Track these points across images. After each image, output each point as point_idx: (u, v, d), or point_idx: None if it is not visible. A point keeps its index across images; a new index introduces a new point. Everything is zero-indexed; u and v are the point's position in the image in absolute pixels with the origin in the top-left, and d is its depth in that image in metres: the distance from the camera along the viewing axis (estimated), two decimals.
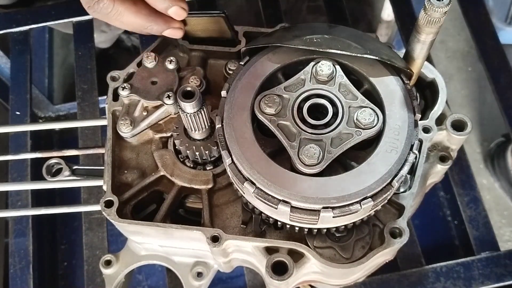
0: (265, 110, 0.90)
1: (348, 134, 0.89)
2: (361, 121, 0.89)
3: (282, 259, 0.93)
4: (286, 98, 0.91)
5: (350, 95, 0.92)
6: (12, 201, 1.52)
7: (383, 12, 2.16)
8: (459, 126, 1.06)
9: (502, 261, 1.33)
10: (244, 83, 0.94)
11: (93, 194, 1.45)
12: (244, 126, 0.90)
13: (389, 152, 0.88)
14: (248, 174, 0.86)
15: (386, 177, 0.86)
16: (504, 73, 1.57)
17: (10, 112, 1.65)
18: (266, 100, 0.90)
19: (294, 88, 0.92)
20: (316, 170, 0.86)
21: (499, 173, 2.30)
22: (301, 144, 0.87)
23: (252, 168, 0.86)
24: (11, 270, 1.44)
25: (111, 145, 1.06)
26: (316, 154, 0.86)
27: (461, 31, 2.63)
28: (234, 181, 0.91)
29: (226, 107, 0.92)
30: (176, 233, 0.98)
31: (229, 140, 0.89)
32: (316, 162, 0.85)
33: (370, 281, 1.27)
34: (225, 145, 0.89)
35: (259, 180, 0.85)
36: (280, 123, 0.89)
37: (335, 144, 0.88)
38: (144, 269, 1.89)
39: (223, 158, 0.90)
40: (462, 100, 2.50)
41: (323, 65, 0.93)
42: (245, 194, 0.91)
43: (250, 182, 0.86)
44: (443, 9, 0.79)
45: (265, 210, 0.91)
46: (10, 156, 1.40)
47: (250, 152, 0.88)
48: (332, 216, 0.84)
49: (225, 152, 0.88)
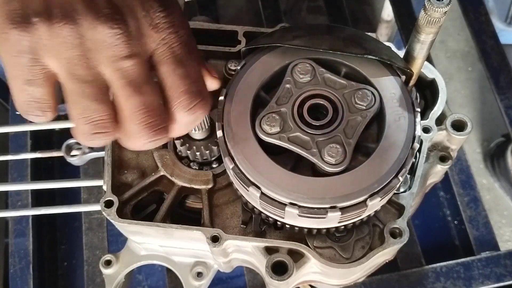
0: (270, 131, 0.88)
1: (355, 119, 0.89)
2: (360, 102, 0.89)
3: (282, 259, 0.93)
4: (283, 112, 0.90)
5: (337, 84, 0.92)
6: (12, 201, 1.53)
7: (383, 12, 2.16)
8: (459, 126, 1.06)
9: (502, 261, 1.33)
10: (241, 88, 0.93)
11: (93, 194, 1.46)
12: (243, 131, 0.89)
13: (391, 149, 0.88)
14: (253, 178, 0.86)
15: (390, 173, 0.86)
16: (504, 73, 1.57)
17: (10, 112, 1.65)
18: (267, 121, 0.88)
19: (284, 99, 0.91)
20: (344, 165, 0.85)
21: (499, 173, 2.30)
22: (320, 147, 0.87)
23: (255, 171, 0.86)
24: (11, 270, 1.44)
25: (111, 145, 1.06)
26: (339, 151, 0.85)
27: (461, 31, 2.63)
28: (237, 186, 0.91)
29: (225, 112, 0.91)
30: (176, 233, 0.98)
31: (231, 146, 0.88)
32: (342, 158, 0.85)
33: (370, 281, 1.28)
34: (226, 151, 0.88)
35: (264, 183, 0.85)
36: (290, 137, 0.88)
37: (349, 134, 0.88)
38: (144, 269, 1.88)
39: (226, 165, 0.90)
40: (462, 100, 2.50)
41: (300, 68, 0.92)
42: (250, 199, 0.91)
43: (255, 186, 0.86)
44: (443, 9, 0.79)
45: (271, 214, 0.90)
46: (10, 156, 1.40)
47: (252, 156, 0.87)
48: (340, 215, 0.84)
49: (228, 158, 0.88)
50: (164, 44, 0.69)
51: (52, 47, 0.63)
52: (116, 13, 0.64)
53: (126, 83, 0.67)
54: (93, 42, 0.64)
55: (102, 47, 0.64)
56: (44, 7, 0.62)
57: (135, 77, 0.67)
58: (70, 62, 0.64)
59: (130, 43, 0.65)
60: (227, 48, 1.11)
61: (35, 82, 0.65)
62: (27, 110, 0.69)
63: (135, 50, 0.66)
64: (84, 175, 1.56)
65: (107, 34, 0.64)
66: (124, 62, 0.66)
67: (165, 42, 0.69)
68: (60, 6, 0.63)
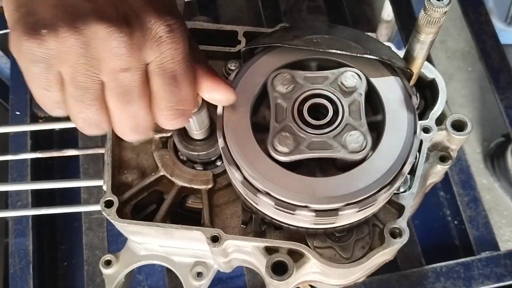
0: (288, 150, 0.86)
1: (353, 102, 0.89)
2: (349, 83, 0.90)
3: (282, 259, 0.93)
4: (288, 126, 0.88)
5: (319, 79, 0.92)
6: (12, 201, 1.53)
7: (383, 12, 2.16)
8: (459, 126, 1.06)
9: (502, 261, 1.33)
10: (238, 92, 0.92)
11: (93, 194, 1.46)
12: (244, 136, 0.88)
13: (394, 143, 0.88)
14: (262, 186, 0.85)
15: (396, 165, 0.86)
16: (504, 73, 1.57)
17: (10, 112, 1.65)
18: (279, 142, 0.86)
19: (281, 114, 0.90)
20: (369, 147, 0.85)
21: (499, 173, 2.30)
22: (339, 141, 0.86)
23: (264, 178, 0.85)
24: (11, 270, 1.44)
25: (111, 145, 1.06)
26: (358, 136, 0.85)
27: (461, 31, 2.63)
28: (246, 195, 0.90)
29: (225, 119, 0.90)
30: (176, 233, 0.98)
31: (234, 154, 0.87)
32: (365, 141, 0.85)
33: (370, 281, 1.28)
34: (232, 160, 0.87)
35: (274, 189, 0.84)
36: (308, 146, 0.87)
37: (356, 116, 0.88)
38: (144, 269, 1.88)
39: (230, 174, 0.89)
40: (462, 100, 2.50)
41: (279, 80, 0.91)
42: (259, 207, 0.91)
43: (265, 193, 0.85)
44: (443, 9, 0.79)
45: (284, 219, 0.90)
46: (10, 156, 1.40)
47: (257, 161, 0.86)
48: (357, 211, 0.84)
49: (234, 167, 0.86)
50: (162, 58, 0.69)
51: (60, 56, 0.65)
52: (123, 23, 0.65)
53: (119, 93, 0.69)
54: (97, 51, 0.66)
55: (105, 57, 0.66)
56: (52, 16, 0.64)
57: (129, 89, 0.69)
58: (74, 69, 0.67)
59: (132, 56, 0.67)
60: (227, 48, 1.11)
61: (51, 88, 0.69)
62: (49, 110, 0.73)
63: (134, 63, 0.68)
64: (84, 175, 1.56)
65: (111, 45, 0.65)
66: (122, 74, 0.68)
67: (163, 56, 0.69)
68: (68, 14, 0.64)
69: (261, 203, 0.88)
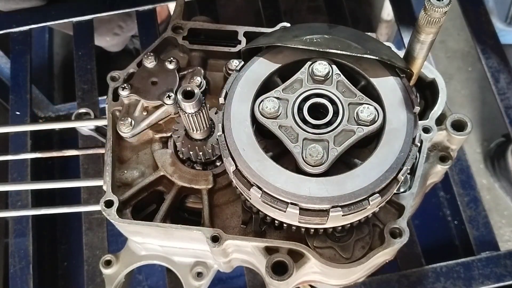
0: (266, 113, 0.89)
1: (350, 132, 0.89)
2: (362, 117, 0.89)
3: (282, 259, 0.93)
4: (285, 100, 0.91)
5: (348, 93, 0.92)
6: (12, 201, 1.52)
7: (383, 12, 2.16)
8: (459, 126, 1.06)
9: (502, 261, 1.33)
10: (242, 87, 0.93)
11: (93, 194, 1.45)
12: (244, 132, 0.89)
13: (391, 148, 0.87)
14: (254, 180, 0.86)
15: (391, 172, 0.86)
16: (504, 73, 1.57)
17: (10, 112, 1.65)
18: (266, 102, 0.89)
19: (292, 89, 0.92)
20: (322, 169, 0.85)
21: (499, 173, 2.30)
22: (305, 144, 0.87)
23: (257, 173, 0.85)
24: (11, 270, 1.44)
25: (111, 145, 1.06)
26: (320, 154, 0.85)
27: (461, 31, 2.63)
28: (239, 188, 0.91)
29: (226, 114, 0.91)
30: (176, 233, 0.98)
31: (231, 147, 0.88)
32: (321, 162, 0.85)
33: (370, 281, 1.27)
34: (228, 153, 0.88)
35: (265, 184, 0.85)
36: (282, 125, 0.89)
37: (338, 142, 0.87)
38: (144, 269, 1.89)
39: (226, 167, 0.90)
40: (462, 100, 2.50)
41: (319, 65, 0.92)
42: (251, 200, 0.91)
43: (256, 187, 0.86)
44: (443, 9, 0.79)
45: (272, 214, 0.90)
46: (10, 156, 1.40)
47: (254, 157, 0.87)
48: (342, 215, 0.84)
49: (228, 159, 0.88)
50: None
51: None
52: None
53: None
54: None
55: None
56: None
57: None
58: None
59: None
60: (227, 48, 1.12)
61: None
62: None
63: None
64: (84, 175, 1.56)
65: None
66: None
67: None
68: None
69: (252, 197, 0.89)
